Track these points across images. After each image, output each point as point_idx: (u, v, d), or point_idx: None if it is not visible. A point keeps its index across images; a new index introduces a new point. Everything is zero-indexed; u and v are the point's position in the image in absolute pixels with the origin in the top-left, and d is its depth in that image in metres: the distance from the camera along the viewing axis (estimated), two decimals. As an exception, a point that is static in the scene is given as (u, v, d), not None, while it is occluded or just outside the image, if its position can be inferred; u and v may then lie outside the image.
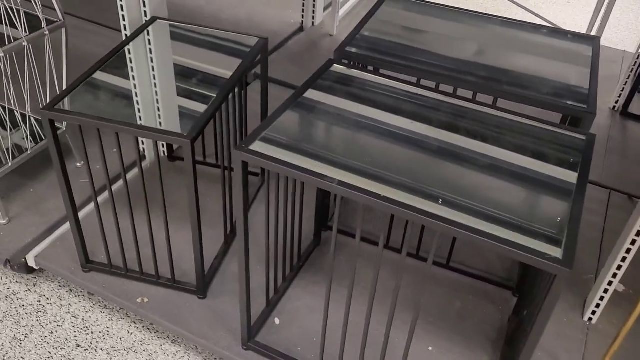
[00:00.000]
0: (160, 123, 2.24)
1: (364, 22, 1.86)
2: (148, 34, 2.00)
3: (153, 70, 2.11)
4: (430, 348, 1.77)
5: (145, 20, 2.05)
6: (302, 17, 3.33)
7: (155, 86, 2.17)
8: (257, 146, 1.33)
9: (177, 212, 2.08)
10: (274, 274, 1.81)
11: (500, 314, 1.89)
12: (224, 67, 1.86)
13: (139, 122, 2.17)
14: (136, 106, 2.18)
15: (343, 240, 2.10)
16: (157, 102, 2.19)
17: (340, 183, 1.23)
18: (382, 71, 1.69)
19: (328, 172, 1.27)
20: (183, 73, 2.05)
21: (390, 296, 1.77)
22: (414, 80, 1.66)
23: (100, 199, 2.01)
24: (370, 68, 1.74)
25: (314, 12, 3.31)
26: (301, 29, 3.33)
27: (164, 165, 2.38)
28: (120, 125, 1.54)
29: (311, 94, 1.52)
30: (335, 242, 1.35)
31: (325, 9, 3.42)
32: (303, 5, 3.28)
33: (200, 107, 1.65)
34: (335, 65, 1.64)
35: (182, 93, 1.97)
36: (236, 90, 1.80)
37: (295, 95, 1.49)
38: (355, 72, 1.64)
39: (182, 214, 2.06)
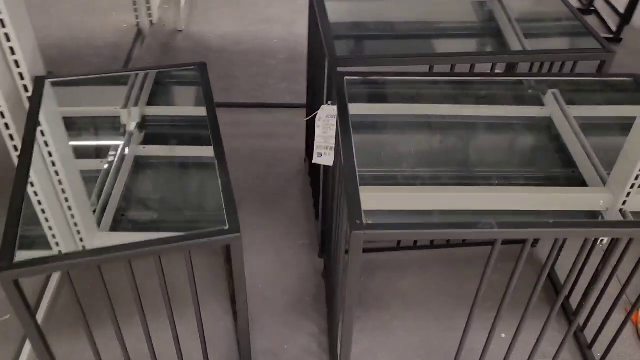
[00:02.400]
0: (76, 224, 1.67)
1: (325, 23, 1.53)
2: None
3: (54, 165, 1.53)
4: (503, 335, 1.68)
5: (26, 87, 1.48)
6: (137, 18, 2.79)
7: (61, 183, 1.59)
8: (367, 197, 1.04)
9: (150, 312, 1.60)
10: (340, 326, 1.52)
11: (529, 267, 1.86)
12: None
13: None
14: (41, 216, 1.59)
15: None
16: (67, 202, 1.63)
17: (500, 225, 1.01)
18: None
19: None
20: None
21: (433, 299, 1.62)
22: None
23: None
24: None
25: (149, 8, 2.79)
26: (140, 32, 2.81)
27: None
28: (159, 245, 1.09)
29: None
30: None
31: (155, 1, 2.91)
32: (135, 4, 2.73)
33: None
34: (346, 78, 1.34)
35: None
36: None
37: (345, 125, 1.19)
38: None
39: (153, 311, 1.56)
